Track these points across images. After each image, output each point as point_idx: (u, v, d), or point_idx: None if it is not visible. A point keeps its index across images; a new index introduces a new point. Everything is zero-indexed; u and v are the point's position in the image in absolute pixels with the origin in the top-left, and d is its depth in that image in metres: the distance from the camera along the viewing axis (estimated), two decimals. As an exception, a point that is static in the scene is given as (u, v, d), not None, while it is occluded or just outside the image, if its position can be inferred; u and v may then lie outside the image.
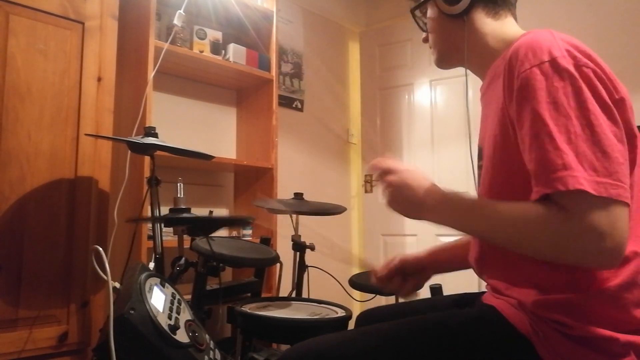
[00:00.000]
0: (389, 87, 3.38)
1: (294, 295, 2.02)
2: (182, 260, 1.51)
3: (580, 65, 0.76)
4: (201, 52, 2.28)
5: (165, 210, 1.69)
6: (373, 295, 2.13)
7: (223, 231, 2.49)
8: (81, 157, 1.56)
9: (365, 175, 3.42)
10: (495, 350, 0.81)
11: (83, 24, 1.59)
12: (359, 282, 2.12)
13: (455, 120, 3.07)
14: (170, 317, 1.15)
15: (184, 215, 1.49)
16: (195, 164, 2.36)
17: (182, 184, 1.66)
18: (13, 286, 1.41)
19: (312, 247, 2.04)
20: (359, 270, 2.06)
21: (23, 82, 1.46)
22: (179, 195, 1.66)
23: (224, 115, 2.71)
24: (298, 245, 2.03)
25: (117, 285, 1.30)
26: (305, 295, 2.03)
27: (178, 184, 1.65)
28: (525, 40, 0.82)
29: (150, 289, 1.17)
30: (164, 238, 1.62)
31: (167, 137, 1.74)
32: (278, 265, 2.07)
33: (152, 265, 1.55)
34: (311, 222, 2.47)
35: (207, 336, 1.26)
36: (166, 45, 2.06)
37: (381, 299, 2.83)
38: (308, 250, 2.04)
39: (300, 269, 2.03)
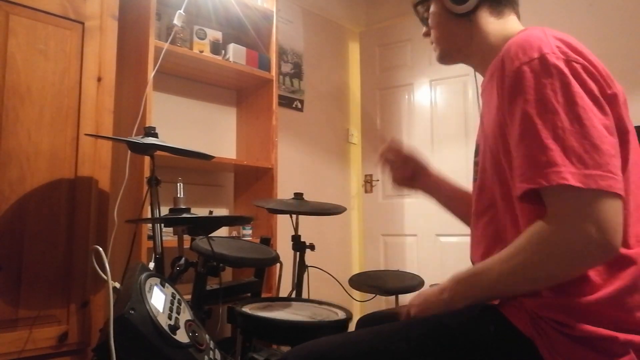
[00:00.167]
0: (389, 87, 3.38)
1: (294, 295, 2.02)
2: (182, 260, 1.51)
3: (569, 60, 0.77)
4: (201, 52, 2.28)
5: (165, 210, 1.69)
6: (373, 296, 2.14)
7: (223, 231, 2.49)
8: (81, 157, 1.56)
9: (365, 175, 3.42)
10: (496, 350, 0.81)
11: (83, 24, 1.59)
12: (359, 282, 2.12)
13: (455, 120, 3.07)
14: (170, 317, 1.15)
15: (184, 215, 1.49)
16: (195, 164, 2.36)
17: (182, 184, 1.66)
18: (13, 286, 1.41)
19: (312, 247, 2.04)
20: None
21: (23, 82, 1.46)
22: (178, 195, 1.66)
23: (224, 115, 2.71)
24: (298, 245, 2.03)
25: (117, 285, 1.30)
26: (305, 295, 2.03)
27: (178, 184, 1.65)
28: (517, 38, 0.83)
29: (150, 289, 1.17)
30: (164, 238, 1.62)
31: (167, 137, 1.74)
32: (278, 265, 2.07)
33: (152, 265, 1.55)
34: (311, 222, 2.46)
35: (207, 336, 1.26)
36: (166, 45, 2.06)
37: (381, 300, 2.83)
38: (308, 250, 2.04)
39: (300, 269, 2.03)
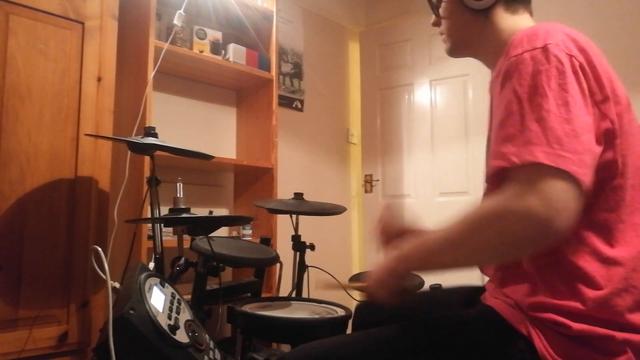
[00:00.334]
0: (389, 87, 3.38)
1: (294, 295, 2.02)
2: (182, 260, 1.51)
3: (570, 55, 0.77)
4: (201, 52, 2.28)
5: (165, 210, 1.69)
6: (373, 295, 2.13)
7: (223, 231, 2.49)
8: (81, 157, 1.56)
9: (365, 175, 3.42)
10: (495, 350, 0.82)
11: (83, 24, 1.59)
12: (359, 282, 2.13)
13: (455, 120, 3.07)
14: (170, 317, 1.15)
15: (184, 215, 1.49)
16: (195, 164, 2.36)
17: (181, 184, 1.66)
18: (13, 286, 1.41)
19: (312, 247, 2.04)
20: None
21: (23, 82, 1.46)
22: (178, 195, 1.66)
23: (224, 115, 2.71)
24: (298, 245, 2.03)
25: (117, 285, 1.30)
26: (305, 295, 2.03)
27: (178, 184, 1.66)
28: (526, 29, 0.83)
29: (150, 289, 1.17)
30: (163, 238, 1.62)
31: (167, 137, 1.74)
32: (278, 265, 2.07)
33: (152, 265, 1.55)
34: (311, 222, 2.46)
35: (207, 336, 1.26)
36: (166, 45, 2.06)
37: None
38: (308, 250, 2.04)
39: (300, 269, 2.03)
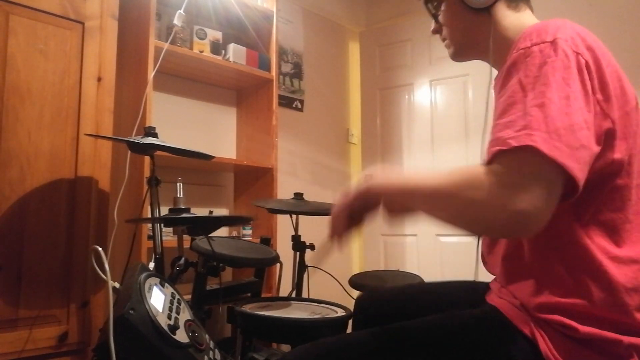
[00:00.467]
0: (389, 87, 3.38)
1: (294, 295, 2.02)
2: (182, 260, 1.51)
3: (577, 52, 0.76)
4: (201, 52, 2.28)
5: (165, 210, 1.69)
6: (373, 295, 2.13)
7: (223, 231, 2.49)
8: (81, 157, 1.56)
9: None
10: (498, 351, 0.81)
11: (83, 24, 1.59)
12: (359, 282, 2.12)
13: (455, 120, 3.07)
14: (170, 317, 1.15)
15: (184, 215, 1.49)
16: (195, 164, 2.36)
17: (182, 184, 1.66)
18: (13, 286, 1.41)
19: (312, 247, 2.04)
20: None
21: (23, 82, 1.46)
22: (178, 195, 1.66)
23: (224, 115, 2.71)
24: (298, 245, 2.03)
25: (117, 285, 1.30)
26: (305, 295, 2.03)
27: (178, 184, 1.66)
28: (536, 25, 0.82)
29: (150, 289, 1.17)
30: (163, 238, 1.62)
31: (167, 137, 1.74)
32: (278, 265, 2.07)
33: (152, 265, 1.55)
34: (311, 222, 2.46)
35: (207, 336, 1.26)
36: (166, 45, 2.06)
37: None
38: (308, 250, 2.04)
39: (300, 269, 2.03)
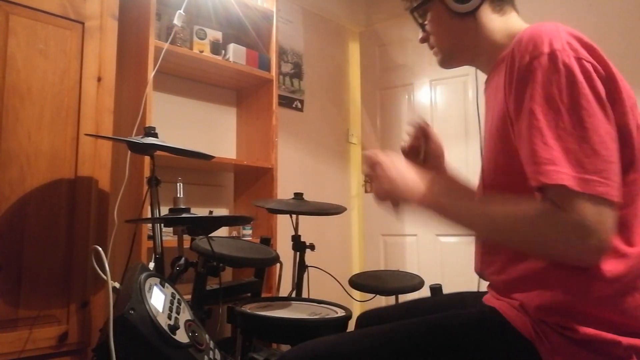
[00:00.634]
0: (389, 87, 3.38)
1: (294, 295, 2.02)
2: (182, 260, 1.51)
3: (580, 58, 0.76)
4: (201, 52, 2.28)
5: (165, 210, 1.69)
6: (373, 295, 2.14)
7: (223, 231, 2.49)
8: (81, 157, 1.56)
9: (366, 175, 3.42)
10: (497, 353, 0.81)
11: (83, 24, 1.59)
12: (359, 282, 2.12)
13: (455, 120, 3.07)
14: (170, 317, 1.15)
15: (184, 215, 1.49)
16: (195, 164, 2.36)
17: (182, 184, 1.66)
18: (13, 286, 1.41)
19: (312, 247, 2.04)
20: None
21: (23, 82, 1.46)
22: (178, 195, 1.66)
23: (224, 115, 2.71)
24: (298, 245, 2.03)
25: (117, 285, 1.30)
26: (305, 295, 2.03)
27: (178, 184, 1.65)
28: (528, 32, 0.82)
29: (150, 289, 1.17)
30: (163, 238, 1.62)
31: (167, 137, 1.74)
32: (278, 265, 2.07)
33: (152, 265, 1.55)
34: (311, 222, 2.46)
35: (207, 336, 1.26)
36: (166, 45, 2.06)
37: (381, 299, 2.83)
38: (308, 250, 2.04)
39: (300, 269, 2.03)
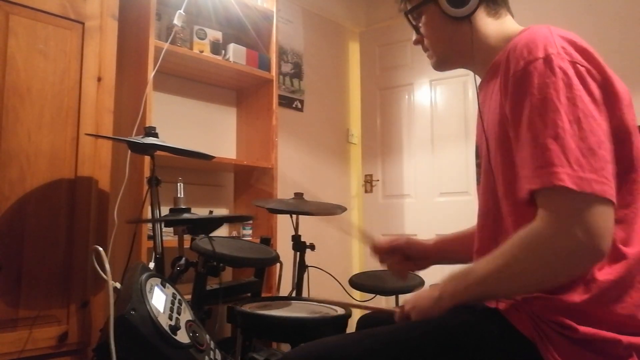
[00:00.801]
0: (389, 87, 3.38)
1: (294, 295, 2.02)
2: (182, 260, 1.51)
3: (574, 62, 0.77)
4: (201, 52, 2.28)
5: (165, 210, 1.69)
6: (373, 296, 2.13)
7: (223, 231, 2.49)
8: (81, 157, 1.56)
9: (365, 175, 3.42)
10: (498, 353, 0.81)
11: (83, 24, 1.59)
12: (359, 282, 2.12)
13: (455, 120, 3.07)
14: (170, 318, 1.15)
15: (184, 215, 1.49)
16: (195, 164, 2.36)
17: (182, 184, 1.66)
18: (13, 286, 1.41)
19: (312, 247, 2.04)
20: (357, 239, 2.02)
21: (23, 82, 1.46)
22: (179, 195, 1.66)
23: (224, 115, 2.71)
24: (298, 245, 2.03)
25: (118, 285, 1.30)
26: (305, 295, 2.03)
27: (178, 184, 1.65)
28: (523, 36, 0.83)
29: (151, 289, 1.17)
30: (164, 238, 1.62)
31: (167, 137, 1.74)
32: (278, 265, 2.07)
33: (152, 265, 1.55)
34: (311, 222, 2.46)
35: (207, 336, 1.26)
36: (166, 45, 2.06)
37: (381, 300, 2.83)
38: (308, 250, 2.04)
39: (300, 269, 2.03)
